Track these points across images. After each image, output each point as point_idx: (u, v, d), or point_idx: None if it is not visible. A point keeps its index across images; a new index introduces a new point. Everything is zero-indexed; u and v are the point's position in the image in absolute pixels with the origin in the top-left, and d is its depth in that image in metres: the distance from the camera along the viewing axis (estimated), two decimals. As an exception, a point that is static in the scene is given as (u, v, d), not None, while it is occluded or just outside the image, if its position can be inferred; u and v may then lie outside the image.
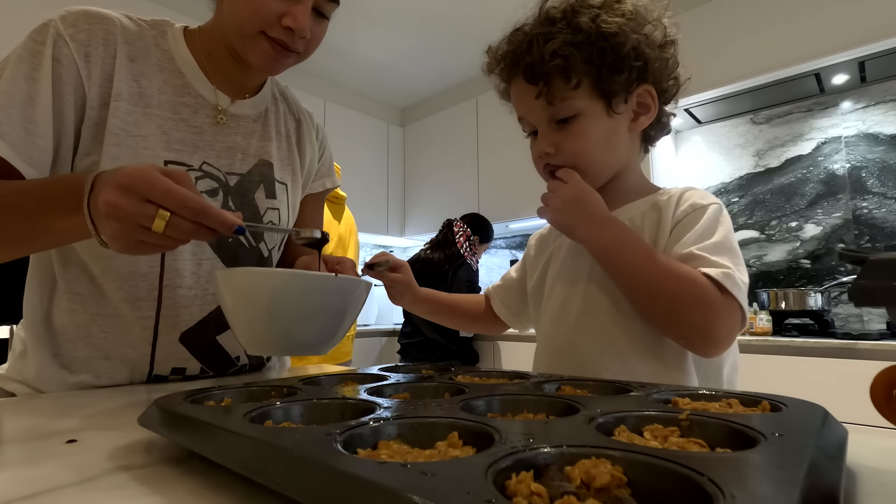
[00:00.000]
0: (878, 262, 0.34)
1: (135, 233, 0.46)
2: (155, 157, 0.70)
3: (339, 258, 0.76)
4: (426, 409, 0.36)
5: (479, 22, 2.96)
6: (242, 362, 0.83)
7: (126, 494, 0.30)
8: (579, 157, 0.69)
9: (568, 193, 0.66)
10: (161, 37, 0.74)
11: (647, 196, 0.72)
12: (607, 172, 0.72)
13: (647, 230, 0.69)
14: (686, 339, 0.61)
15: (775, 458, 0.25)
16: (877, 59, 1.99)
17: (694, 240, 0.62)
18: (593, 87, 0.67)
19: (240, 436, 0.30)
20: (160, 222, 0.45)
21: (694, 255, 0.60)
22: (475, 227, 2.82)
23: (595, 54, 0.65)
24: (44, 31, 0.65)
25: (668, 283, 0.59)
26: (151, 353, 0.73)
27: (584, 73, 0.65)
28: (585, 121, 0.68)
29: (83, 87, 0.67)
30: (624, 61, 0.65)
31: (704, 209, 0.65)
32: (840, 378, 1.65)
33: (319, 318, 0.57)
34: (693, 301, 0.57)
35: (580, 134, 0.68)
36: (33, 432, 0.46)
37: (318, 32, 0.73)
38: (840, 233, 2.24)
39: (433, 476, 0.22)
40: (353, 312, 0.61)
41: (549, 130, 0.70)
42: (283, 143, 0.87)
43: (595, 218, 0.65)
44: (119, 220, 0.46)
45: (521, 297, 0.89)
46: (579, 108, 0.67)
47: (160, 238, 0.47)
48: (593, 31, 0.64)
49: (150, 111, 0.71)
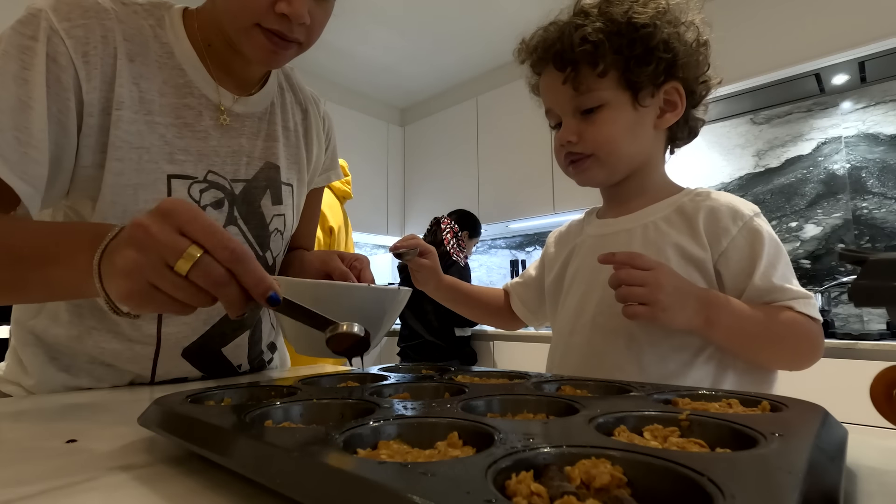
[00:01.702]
0: (878, 262, 0.34)
1: (152, 270, 0.38)
2: (158, 170, 0.66)
3: (355, 255, 0.75)
4: (426, 409, 0.36)
5: (479, 22, 2.97)
6: (244, 369, 0.82)
7: (126, 494, 0.30)
8: (601, 146, 0.68)
9: (667, 283, 0.58)
10: (159, 26, 0.68)
11: (670, 197, 0.71)
12: (627, 165, 0.71)
13: (674, 236, 0.67)
14: (792, 369, 0.64)
15: (775, 458, 0.25)
16: (877, 59, 1.99)
17: (768, 268, 0.62)
18: (620, 79, 0.67)
19: (239, 436, 0.30)
20: (186, 262, 0.37)
21: (777, 288, 0.62)
22: (463, 223, 2.82)
23: (625, 44, 0.65)
24: (33, 24, 0.57)
25: (776, 336, 0.62)
26: (153, 368, 0.72)
27: (611, 63, 0.66)
28: (610, 111, 0.68)
29: (81, 91, 0.60)
30: (653, 53, 0.65)
31: (760, 233, 0.64)
32: (840, 378, 1.64)
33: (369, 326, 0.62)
34: (801, 343, 0.63)
35: (604, 122, 0.68)
36: (33, 432, 0.46)
37: (320, 16, 0.66)
38: (840, 233, 2.24)
39: (433, 476, 0.22)
40: (393, 316, 0.66)
41: (573, 120, 0.70)
42: (291, 139, 0.83)
43: (701, 299, 0.60)
44: (141, 247, 0.38)
45: (538, 295, 0.89)
46: (605, 99, 0.67)
47: (176, 286, 0.38)
48: (624, 22, 0.65)
49: (152, 118, 0.66)
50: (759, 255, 0.63)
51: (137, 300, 0.39)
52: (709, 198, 0.69)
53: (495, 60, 3.45)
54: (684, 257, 0.66)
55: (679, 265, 0.65)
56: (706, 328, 0.60)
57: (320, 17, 0.66)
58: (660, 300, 0.57)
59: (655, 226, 0.69)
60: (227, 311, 0.41)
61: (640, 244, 0.69)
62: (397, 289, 0.64)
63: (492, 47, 3.25)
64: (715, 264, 0.65)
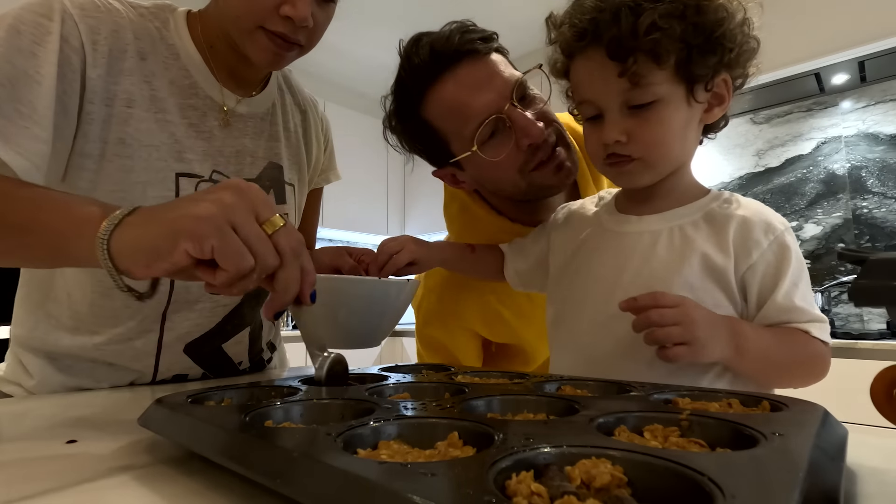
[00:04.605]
0: (878, 262, 0.34)
1: (241, 214, 0.39)
2: (167, 168, 0.67)
3: (363, 250, 0.76)
4: (426, 409, 0.36)
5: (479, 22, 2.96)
6: (244, 367, 0.83)
7: (126, 494, 0.30)
8: (652, 148, 0.61)
9: (699, 317, 0.55)
10: (164, 27, 0.69)
11: (699, 200, 0.67)
12: (671, 167, 0.65)
13: (700, 244, 0.63)
14: (796, 388, 0.64)
15: (775, 458, 0.25)
16: (877, 58, 1.99)
17: (791, 287, 0.61)
18: (677, 71, 0.59)
19: (240, 436, 0.30)
20: (271, 226, 0.40)
21: (797, 309, 0.61)
22: None
23: (690, 31, 0.57)
24: (48, 5, 0.58)
25: (795, 364, 0.62)
26: (155, 365, 0.72)
27: (672, 53, 0.58)
28: (665, 108, 0.60)
29: (86, 77, 0.61)
30: (719, 42, 0.58)
31: (789, 249, 0.62)
32: (840, 378, 1.64)
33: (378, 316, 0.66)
34: (815, 369, 0.63)
35: (658, 122, 0.60)
36: (33, 432, 0.46)
37: (322, 19, 0.66)
38: (840, 233, 2.24)
39: (433, 476, 0.22)
40: (402, 308, 0.69)
41: (620, 116, 0.61)
42: (291, 139, 0.84)
43: (728, 328, 0.58)
44: (239, 192, 0.40)
45: (533, 267, 0.82)
46: (660, 94, 0.59)
47: (259, 236, 0.40)
48: (691, 5, 0.56)
49: (164, 116, 0.67)
50: (785, 272, 0.60)
51: (205, 238, 0.38)
52: (739, 206, 0.65)
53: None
54: (707, 267, 0.62)
55: (700, 275, 0.62)
56: (736, 357, 0.58)
57: (322, 20, 0.67)
58: (698, 338, 0.54)
59: (682, 230, 0.65)
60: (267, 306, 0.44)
61: (664, 249, 0.65)
62: (405, 281, 0.65)
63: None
64: (742, 275, 0.62)
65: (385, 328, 0.68)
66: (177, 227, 0.39)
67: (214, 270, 0.40)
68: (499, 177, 0.75)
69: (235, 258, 0.39)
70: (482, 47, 0.73)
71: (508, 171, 0.73)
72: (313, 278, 0.45)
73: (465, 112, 0.70)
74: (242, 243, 0.39)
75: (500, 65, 0.73)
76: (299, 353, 2.69)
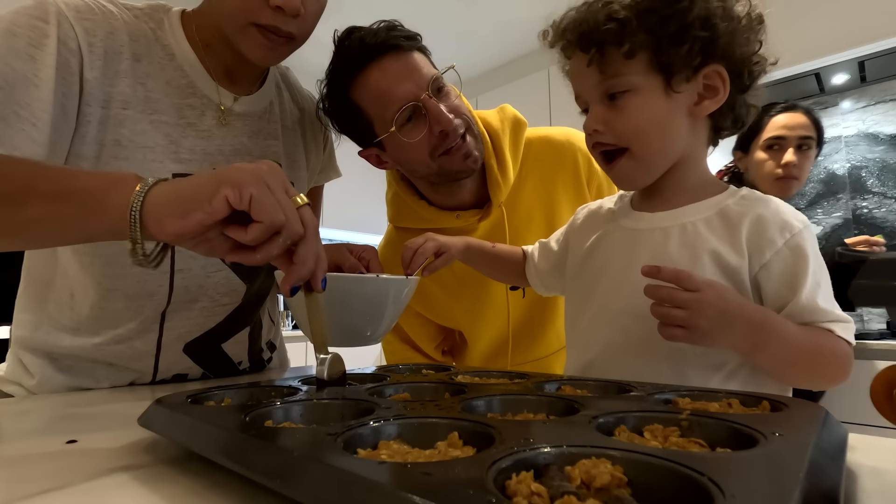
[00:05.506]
0: (878, 262, 0.34)
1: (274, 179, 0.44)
2: (163, 168, 0.67)
3: (364, 246, 0.76)
4: (426, 409, 0.36)
5: (478, 22, 2.97)
6: (244, 367, 0.83)
7: (126, 494, 0.30)
8: (630, 138, 0.63)
9: (711, 309, 0.54)
10: (159, 28, 0.69)
11: (713, 197, 0.66)
12: (663, 160, 0.66)
13: (712, 242, 0.63)
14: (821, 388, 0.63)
15: (775, 458, 0.25)
16: (877, 58, 1.99)
17: (814, 287, 0.60)
18: (651, 61, 0.61)
19: (240, 436, 0.30)
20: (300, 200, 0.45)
21: (821, 310, 0.60)
22: None
23: (656, 22, 0.59)
24: (43, 8, 0.58)
25: (818, 364, 0.60)
26: (155, 365, 0.73)
27: (641, 44, 0.60)
28: (639, 97, 0.62)
29: (83, 79, 0.61)
30: (688, 31, 0.59)
31: (807, 248, 0.61)
32: (840, 378, 1.64)
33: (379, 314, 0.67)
34: (839, 370, 0.60)
35: (632, 110, 0.62)
36: (34, 432, 0.46)
37: (314, 8, 0.67)
38: (840, 232, 2.23)
39: (433, 476, 0.22)
40: (403, 305, 0.69)
41: (600, 107, 0.64)
42: (289, 137, 0.84)
43: (752, 323, 0.56)
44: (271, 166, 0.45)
45: (553, 268, 0.84)
46: (633, 84, 0.61)
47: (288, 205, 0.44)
48: None
49: (157, 118, 0.67)
50: (805, 272, 0.60)
51: (245, 186, 0.42)
52: (757, 203, 0.64)
53: (494, 61, 3.44)
54: (719, 266, 0.62)
55: (713, 273, 0.61)
56: (751, 352, 0.58)
57: (314, 8, 0.67)
58: (699, 326, 0.54)
59: (694, 227, 0.64)
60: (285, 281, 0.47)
61: (676, 245, 0.64)
62: (406, 279, 0.65)
63: (490, 48, 3.24)
64: (755, 275, 0.61)
65: (385, 326, 0.69)
66: (219, 176, 0.43)
67: (245, 228, 0.43)
68: (413, 158, 0.82)
69: (270, 210, 0.42)
70: (405, 44, 0.81)
71: (421, 153, 0.80)
72: (325, 264, 0.47)
73: (387, 97, 0.78)
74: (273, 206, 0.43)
75: (420, 61, 0.81)
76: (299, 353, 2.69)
